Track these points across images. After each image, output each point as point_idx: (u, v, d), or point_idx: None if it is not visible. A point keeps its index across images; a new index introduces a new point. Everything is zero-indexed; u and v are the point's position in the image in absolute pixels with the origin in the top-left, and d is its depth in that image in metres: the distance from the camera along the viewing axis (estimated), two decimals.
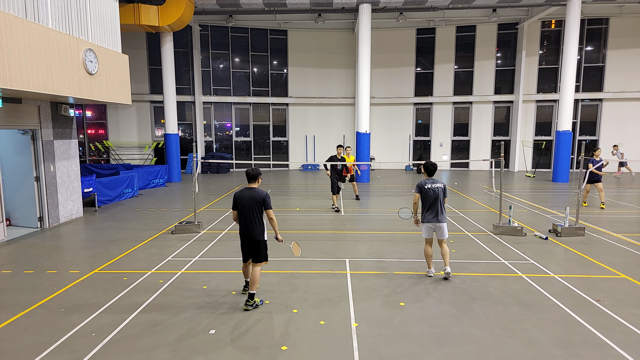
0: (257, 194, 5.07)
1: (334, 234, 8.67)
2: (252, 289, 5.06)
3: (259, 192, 5.09)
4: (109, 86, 9.27)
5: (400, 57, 21.97)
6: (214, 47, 21.68)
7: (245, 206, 5.06)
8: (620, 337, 4.38)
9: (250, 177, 5.17)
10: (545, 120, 21.71)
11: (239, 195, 5.15)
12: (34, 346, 4.23)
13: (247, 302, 5.06)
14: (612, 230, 8.88)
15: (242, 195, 5.12)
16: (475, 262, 6.86)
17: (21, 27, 6.71)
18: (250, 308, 5.04)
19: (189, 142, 21.53)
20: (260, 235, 5.13)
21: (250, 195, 5.07)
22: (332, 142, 22.78)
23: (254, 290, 5.06)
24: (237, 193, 5.19)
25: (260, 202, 5.05)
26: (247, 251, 5.24)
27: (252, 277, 5.06)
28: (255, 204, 5.04)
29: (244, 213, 5.09)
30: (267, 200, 5.07)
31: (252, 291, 5.06)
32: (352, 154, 11.90)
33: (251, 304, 5.04)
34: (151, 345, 4.24)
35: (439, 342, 4.31)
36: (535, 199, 12.94)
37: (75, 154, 10.37)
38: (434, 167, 6.10)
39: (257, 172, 5.21)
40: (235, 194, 5.19)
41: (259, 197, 5.05)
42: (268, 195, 5.12)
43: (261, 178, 5.32)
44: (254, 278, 5.05)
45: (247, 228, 5.11)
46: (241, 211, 5.11)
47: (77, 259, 7.11)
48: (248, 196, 5.08)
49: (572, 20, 16.06)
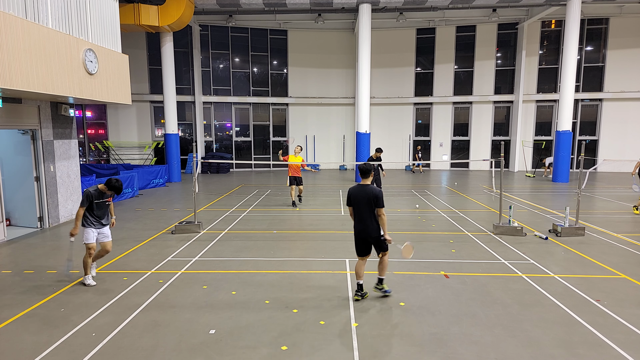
0: (371, 191, 5.11)
1: (334, 234, 8.67)
2: (382, 274, 5.39)
3: (373, 190, 5.13)
4: (109, 86, 9.27)
5: (400, 57, 21.97)
6: (214, 47, 21.68)
7: (360, 203, 5.14)
8: (620, 337, 4.38)
9: (364, 172, 5.21)
10: (545, 120, 21.72)
11: (353, 192, 5.22)
12: (34, 346, 4.23)
13: (376, 285, 5.40)
14: (612, 230, 8.88)
15: (356, 191, 5.19)
16: (475, 262, 6.86)
17: (21, 27, 6.71)
18: (380, 292, 5.37)
19: (189, 142, 21.54)
20: (377, 232, 5.19)
21: (364, 192, 5.12)
22: (332, 142, 22.84)
23: (383, 275, 5.40)
24: (351, 189, 5.26)
25: (373, 199, 5.08)
26: (365, 247, 5.32)
27: (382, 264, 5.33)
28: (368, 201, 5.09)
29: (359, 210, 5.17)
30: (380, 198, 5.09)
31: (382, 276, 5.40)
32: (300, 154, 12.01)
33: (380, 288, 5.37)
34: (151, 345, 4.24)
35: (439, 342, 4.31)
36: (536, 198, 12.95)
37: (75, 154, 10.37)
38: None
39: (370, 167, 5.25)
40: (350, 191, 5.27)
41: (372, 194, 5.09)
42: (381, 193, 5.16)
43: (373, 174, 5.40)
44: (384, 265, 5.33)
45: (363, 225, 5.19)
46: (356, 208, 5.18)
47: (77, 259, 7.11)
48: (362, 193, 5.13)
49: (572, 20, 16.06)
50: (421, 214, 10.64)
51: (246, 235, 8.61)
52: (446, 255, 7.21)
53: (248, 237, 8.50)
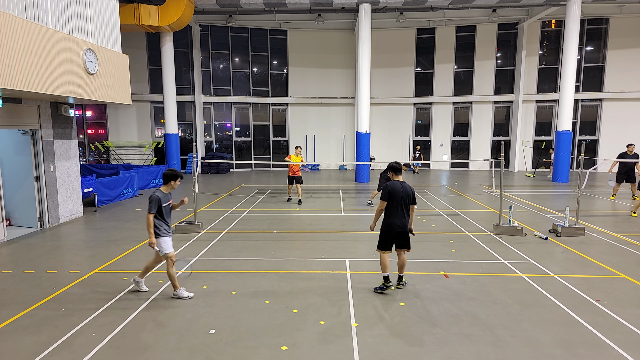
0: (410, 188, 5.52)
1: (334, 234, 8.67)
2: (402, 272, 5.73)
3: (411, 187, 5.54)
4: (109, 86, 9.27)
5: (400, 57, 21.97)
6: (214, 47, 21.68)
7: (401, 199, 5.42)
8: (620, 337, 4.38)
9: (397, 170, 5.59)
10: (545, 120, 21.71)
11: (395, 187, 5.43)
12: (34, 346, 4.23)
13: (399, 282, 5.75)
14: (612, 230, 8.89)
15: (395, 187, 5.43)
16: (475, 262, 6.86)
17: (21, 27, 6.71)
18: (402, 287, 5.73)
19: (189, 142, 21.54)
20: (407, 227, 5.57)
21: (405, 189, 5.45)
22: (332, 142, 22.83)
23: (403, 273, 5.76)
24: (393, 185, 5.45)
25: (412, 196, 5.51)
26: (394, 241, 5.57)
27: (403, 263, 5.67)
28: (407, 197, 5.45)
29: (396, 205, 5.42)
30: (414, 195, 5.54)
31: (402, 274, 5.75)
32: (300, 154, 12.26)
33: (403, 283, 5.76)
34: (151, 345, 4.24)
35: (439, 342, 4.31)
36: (536, 198, 12.95)
37: (75, 154, 10.37)
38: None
39: (401, 165, 5.65)
40: (391, 186, 5.44)
41: (412, 191, 5.52)
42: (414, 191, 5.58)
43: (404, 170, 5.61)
44: (404, 263, 5.68)
45: (402, 220, 5.47)
46: (395, 203, 5.42)
47: (77, 259, 7.12)
48: (403, 190, 5.44)
49: (572, 20, 16.06)
50: (421, 214, 10.64)
51: (246, 235, 8.61)
52: (446, 255, 7.21)
53: (248, 237, 8.51)
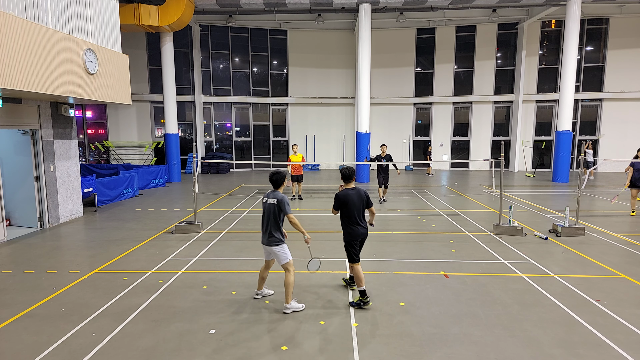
0: (364, 192, 5.32)
1: (334, 234, 8.67)
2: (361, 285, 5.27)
3: (364, 191, 5.34)
4: (109, 86, 9.27)
5: (400, 57, 21.97)
6: (214, 47, 21.68)
7: (356, 206, 5.20)
8: (620, 337, 4.38)
9: (346, 177, 5.32)
10: (545, 120, 21.71)
11: (348, 195, 5.18)
12: (34, 346, 4.23)
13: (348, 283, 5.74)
14: (612, 230, 8.88)
15: (351, 195, 5.19)
16: (475, 262, 6.86)
17: (21, 27, 6.71)
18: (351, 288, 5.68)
19: (189, 142, 21.53)
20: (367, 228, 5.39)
21: (359, 195, 5.25)
22: (332, 142, 22.82)
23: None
24: (344, 194, 5.20)
25: (366, 200, 5.30)
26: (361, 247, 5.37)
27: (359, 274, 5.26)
28: (362, 202, 5.26)
29: (354, 213, 5.20)
30: (369, 198, 5.35)
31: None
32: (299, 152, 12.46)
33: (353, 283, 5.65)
34: (151, 345, 4.24)
35: (439, 342, 4.31)
36: (536, 199, 12.94)
37: (75, 154, 10.37)
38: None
39: (352, 171, 5.37)
40: (342, 195, 5.21)
41: (366, 195, 5.32)
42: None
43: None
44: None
45: (363, 227, 5.29)
46: (352, 211, 5.19)
47: (77, 259, 7.12)
48: (357, 196, 5.22)
49: (572, 20, 16.06)
50: (421, 214, 10.64)
51: (246, 235, 8.61)
52: (446, 255, 7.21)
53: (248, 237, 8.50)
